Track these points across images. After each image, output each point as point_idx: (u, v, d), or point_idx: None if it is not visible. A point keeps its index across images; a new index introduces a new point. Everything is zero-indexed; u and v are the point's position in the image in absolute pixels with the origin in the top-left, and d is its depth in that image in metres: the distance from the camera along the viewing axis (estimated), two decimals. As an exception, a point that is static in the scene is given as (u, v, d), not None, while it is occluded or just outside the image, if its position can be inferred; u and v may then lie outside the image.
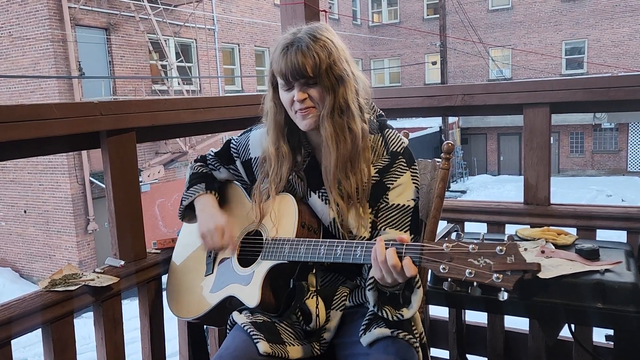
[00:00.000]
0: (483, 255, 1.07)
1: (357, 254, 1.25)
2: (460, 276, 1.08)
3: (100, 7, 13.04)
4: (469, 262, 1.08)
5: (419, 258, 1.15)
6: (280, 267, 1.38)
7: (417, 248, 1.16)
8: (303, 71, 1.31)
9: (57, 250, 12.65)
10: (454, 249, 1.10)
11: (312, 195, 1.44)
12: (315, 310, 1.39)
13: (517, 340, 2.19)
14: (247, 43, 18.25)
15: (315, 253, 1.31)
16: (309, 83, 1.34)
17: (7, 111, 1.39)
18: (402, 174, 1.41)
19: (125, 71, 13.76)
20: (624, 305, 1.46)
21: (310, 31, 1.35)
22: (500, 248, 1.05)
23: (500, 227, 2.18)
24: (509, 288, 1.03)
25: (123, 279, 1.60)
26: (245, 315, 1.41)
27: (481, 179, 22.94)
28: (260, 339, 1.32)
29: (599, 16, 22.01)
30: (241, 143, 1.58)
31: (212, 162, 1.64)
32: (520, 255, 1.04)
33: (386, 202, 1.40)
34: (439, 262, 1.11)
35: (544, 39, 23.00)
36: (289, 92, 1.37)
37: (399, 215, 1.39)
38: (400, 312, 1.30)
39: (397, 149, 1.42)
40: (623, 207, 2.04)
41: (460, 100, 2.21)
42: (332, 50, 1.33)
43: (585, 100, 2.03)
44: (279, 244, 1.38)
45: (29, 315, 1.36)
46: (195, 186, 1.59)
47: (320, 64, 1.31)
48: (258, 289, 1.37)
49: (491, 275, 1.04)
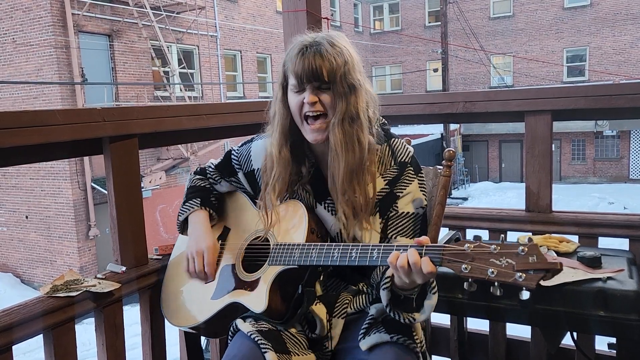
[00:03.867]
0: (505, 255, 1.08)
1: (374, 257, 1.24)
2: (483, 276, 1.08)
3: (103, 14, 13.12)
4: (491, 262, 1.09)
5: (439, 258, 1.14)
6: (289, 272, 1.36)
7: (438, 248, 1.16)
8: (319, 74, 1.30)
9: (58, 255, 12.65)
10: (476, 249, 1.11)
11: (317, 206, 1.44)
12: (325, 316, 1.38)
13: (518, 348, 2.18)
14: (249, 50, 18.32)
15: (328, 256, 1.29)
16: (322, 87, 1.33)
17: (10, 117, 1.39)
18: (410, 182, 1.42)
19: (128, 77, 13.81)
20: (626, 313, 1.45)
21: (329, 37, 1.35)
22: (522, 248, 1.06)
23: (502, 234, 2.17)
24: (532, 287, 1.03)
25: (124, 284, 1.60)
26: (250, 323, 1.39)
27: (482, 186, 22.91)
28: (268, 349, 1.30)
29: (601, 24, 22.05)
30: (242, 154, 1.56)
31: (213, 176, 1.62)
32: (542, 255, 1.05)
33: (395, 210, 1.40)
34: (461, 262, 1.12)
35: (546, 46, 23.04)
36: (299, 95, 1.35)
37: (409, 223, 1.40)
38: (412, 315, 1.29)
39: (404, 158, 1.42)
40: (625, 215, 2.04)
41: (461, 108, 2.21)
42: (347, 59, 1.33)
43: (586, 108, 2.03)
44: (289, 249, 1.36)
45: (30, 321, 1.36)
46: (190, 201, 1.59)
47: (337, 70, 1.31)
48: (265, 294, 1.35)
49: (514, 275, 1.05)
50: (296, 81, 1.34)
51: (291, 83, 1.36)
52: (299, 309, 1.37)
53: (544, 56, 22.76)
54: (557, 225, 2.05)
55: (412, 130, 19.64)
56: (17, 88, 12.61)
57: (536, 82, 22.34)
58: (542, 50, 23.05)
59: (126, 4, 13.34)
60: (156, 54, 14.03)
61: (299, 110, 1.36)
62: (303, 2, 2.38)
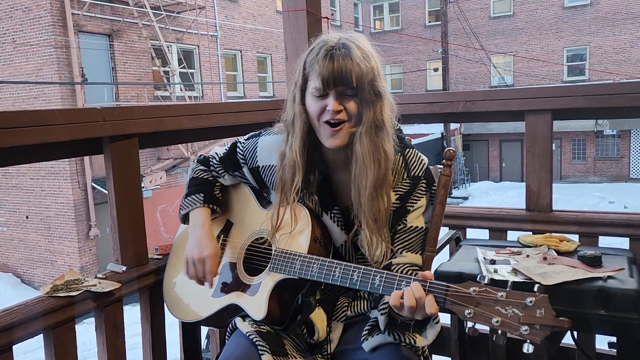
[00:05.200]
0: (512, 304, 1.02)
1: (376, 284, 1.19)
2: (487, 324, 1.03)
3: (103, 14, 13.11)
4: (496, 310, 1.03)
5: (443, 299, 1.10)
6: (289, 282, 1.34)
7: (443, 288, 1.10)
8: (348, 78, 1.23)
9: (58, 255, 12.66)
10: (482, 294, 1.05)
11: (323, 215, 1.39)
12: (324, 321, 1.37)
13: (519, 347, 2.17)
14: (250, 50, 18.31)
15: (329, 275, 1.25)
16: (347, 94, 1.26)
17: (11, 117, 1.39)
18: (422, 196, 1.37)
19: (128, 77, 13.81)
20: (626, 312, 1.45)
21: (355, 40, 1.27)
22: (530, 300, 1.00)
23: (502, 233, 2.17)
24: (536, 342, 0.99)
25: (125, 284, 1.60)
26: (250, 323, 1.38)
27: (483, 185, 22.91)
28: (265, 351, 1.29)
29: (601, 23, 22.04)
30: (248, 148, 1.49)
31: (217, 169, 1.56)
32: (550, 309, 1.00)
33: (404, 224, 1.35)
34: (465, 306, 1.06)
35: (546, 45, 23.03)
36: (320, 100, 1.28)
37: (415, 238, 1.36)
38: (413, 336, 1.26)
39: (418, 172, 1.37)
40: (625, 214, 2.04)
41: (462, 107, 2.21)
42: (374, 65, 1.27)
43: (587, 107, 2.03)
44: (290, 257, 1.33)
45: (31, 321, 1.36)
46: (193, 196, 1.53)
47: (365, 75, 1.24)
48: (265, 302, 1.34)
49: (519, 328, 1.00)
50: (321, 85, 1.25)
51: (313, 86, 1.28)
52: (298, 317, 1.36)
53: (544, 55, 22.74)
54: (558, 225, 2.04)
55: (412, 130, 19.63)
56: (17, 88, 12.61)
57: (536, 81, 22.34)
58: (542, 49, 23.04)
59: (126, 4, 13.34)
60: (156, 53, 14.03)
61: (318, 115, 1.29)
62: (303, 2, 2.38)
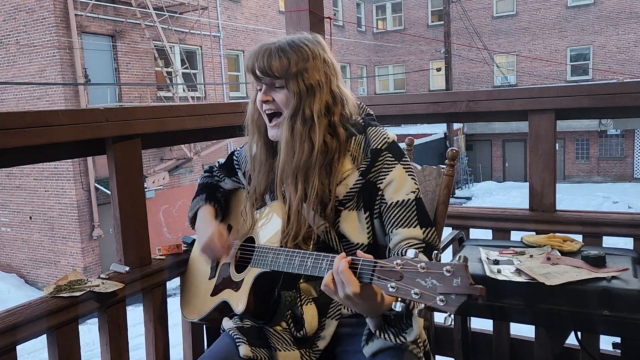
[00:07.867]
0: (431, 275, 0.99)
1: (323, 267, 1.20)
2: (407, 297, 1.00)
3: (106, 15, 13.14)
4: (417, 283, 1.00)
5: (370, 274, 1.07)
6: (266, 275, 1.38)
7: (370, 263, 1.08)
8: (268, 69, 1.30)
9: (62, 256, 12.68)
10: (405, 268, 1.02)
11: (303, 206, 1.38)
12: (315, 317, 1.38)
13: (523, 347, 2.17)
14: (252, 50, 18.31)
15: (290, 264, 1.28)
16: (276, 85, 1.34)
17: (14, 118, 1.39)
18: (391, 168, 1.34)
19: (131, 78, 13.84)
20: (631, 313, 1.45)
21: (294, 38, 1.35)
22: (447, 268, 0.97)
23: (506, 233, 2.17)
24: (451, 312, 0.95)
25: (128, 285, 1.60)
26: (234, 321, 1.44)
27: (486, 185, 22.86)
28: (242, 342, 1.34)
29: (604, 22, 21.98)
30: (242, 154, 1.61)
31: (218, 174, 1.68)
32: (466, 279, 0.95)
33: (384, 202, 1.34)
34: (388, 280, 1.03)
35: (549, 45, 22.98)
36: (258, 93, 1.37)
37: (402, 212, 1.32)
38: (403, 334, 1.23)
39: (377, 145, 1.35)
40: (629, 214, 2.03)
41: (465, 107, 2.21)
42: (308, 58, 1.32)
43: (590, 107, 2.02)
44: (266, 252, 1.38)
45: (34, 321, 1.36)
46: (197, 197, 1.65)
47: (290, 67, 1.30)
48: (245, 296, 1.39)
49: (435, 298, 0.97)
50: (252, 77, 1.35)
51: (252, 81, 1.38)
52: (277, 311, 1.38)
53: (548, 55, 22.69)
54: (561, 225, 2.04)
55: (415, 130, 19.63)
56: (20, 89, 12.65)
57: (540, 81, 22.29)
58: (545, 49, 22.98)
59: (129, 5, 13.36)
60: (159, 54, 14.05)
61: (260, 108, 1.38)
62: (305, 2, 2.38)
